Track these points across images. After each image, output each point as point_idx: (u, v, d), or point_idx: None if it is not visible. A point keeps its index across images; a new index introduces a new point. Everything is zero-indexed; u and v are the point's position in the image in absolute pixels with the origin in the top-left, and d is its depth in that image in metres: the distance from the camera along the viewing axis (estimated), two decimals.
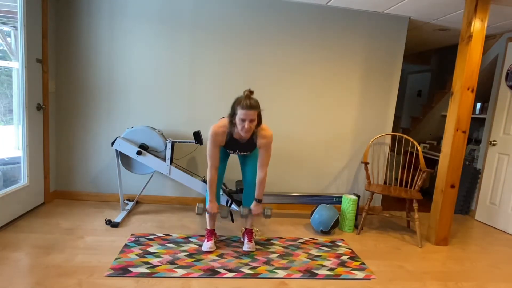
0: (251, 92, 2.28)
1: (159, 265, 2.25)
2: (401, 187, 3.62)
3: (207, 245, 2.52)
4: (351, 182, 3.74)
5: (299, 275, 2.28)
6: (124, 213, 3.05)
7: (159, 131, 3.13)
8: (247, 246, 2.58)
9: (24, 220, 2.82)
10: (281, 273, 2.28)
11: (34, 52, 2.87)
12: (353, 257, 2.62)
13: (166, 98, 3.36)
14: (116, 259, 2.29)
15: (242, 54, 3.37)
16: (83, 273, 2.09)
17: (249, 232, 2.65)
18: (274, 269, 2.33)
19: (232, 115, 2.30)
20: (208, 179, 2.48)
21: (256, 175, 2.58)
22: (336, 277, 2.29)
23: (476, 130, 4.45)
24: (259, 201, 2.55)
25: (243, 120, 2.24)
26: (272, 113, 3.50)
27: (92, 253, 2.34)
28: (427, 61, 5.64)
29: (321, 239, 2.92)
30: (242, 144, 2.47)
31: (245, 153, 2.54)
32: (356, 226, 3.23)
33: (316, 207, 3.11)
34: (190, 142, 3.09)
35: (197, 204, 2.54)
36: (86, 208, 3.20)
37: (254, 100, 2.26)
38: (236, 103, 2.27)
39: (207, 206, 2.52)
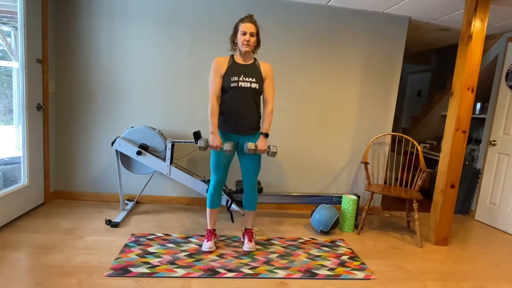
0: (251, 15, 2.38)
1: (159, 265, 2.25)
2: (401, 187, 3.62)
3: (207, 245, 2.52)
4: (351, 182, 3.74)
5: (299, 275, 2.28)
6: (124, 213, 3.05)
7: (159, 131, 3.13)
8: (247, 246, 2.58)
9: (24, 220, 2.82)
10: (281, 273, 2.28)
11: (34, 52, 2.87)
12: (353, 257, 2.62)
13: (166, 98, 3.36)
14: (116, 259, 2.29)
15: None
16: (83, 273, 2.09)
17: (249, 232, 2.65)
18: (274, 269, 2.33)
19: (234, 34, 2.38)
20: (209, 108, 2.37)
21: (256, 179, 2.58)
22: (336, 277, 2.29)
23: (476, 130, 4.45)
24: (266, 136, 2.45)
25: (244, 33, 2.31)
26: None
27: (92, 253, 2.34)
28: (427, 61, 5.64)
29: (321, 239, 2.92)
30: (246, 68, 2.38)
31: (251, 79, 2.37)
32: (356, 226, 3.23)
33: (316, 207, 3.11)
34: (190, 142, 3.09)
35: (199, 140, 2.41)
36: (86, 208, 3.20)
37: (254, 18, 2.36)
38: (237, 21, 2.37)
39: (210, 140, 2.38)
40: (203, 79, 3.37)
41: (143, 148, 2.95)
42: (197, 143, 2.89)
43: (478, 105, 4.10)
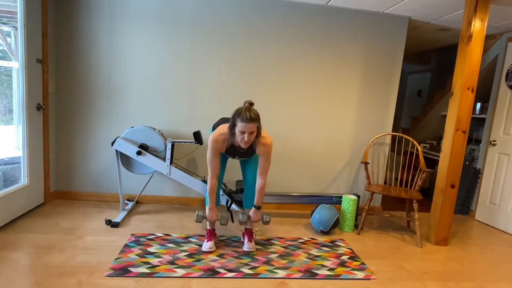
0: (251, 104, 2.28)
1: (159, 265, 2.25)
2: (401, 187, 3.62)
3: (207, 245, 2.52)
4: (351, 182, 3.74)
5: (299, 275, 2.28)
6: (124, 213, 3.05)
7: (159, 131, 3.13)
8: (247, 246, 2.58)
9: (24, 220, 2.82)
10: (281, 273, 2.28)
11: (34, 52, 2.87)
12: (353, 257, 2.62)
13: (166, 98, 3.36)
14: (116, 259, 2.29)
15: (242, 54, 3.37)
16: (83, 273, 2.09)
17: (249, 232, 2.65)
18: (274, 269, 2.33)
19: (232, 126, 2.28)
20: (208, 187, 2.49)
21: (256, 177, 2.59)
22: (336, 277, 2.29)
23: (476, 130, 4.45)
24: (258, 208, 2.58)
25: (242, 133, 2.24)
26: (272, 113, 3.50)
27: (92, 253, 2.34)
28: (427, 61, 5.64)
29: (321, 239, 2.92)
30: (241, 151, 2.49)
31: (244, 158, 2.57)
32: (356, 226, 3.23)
33: (316, 207, 3.11)
34: (190, 142, 3.09)
35: (197, 211, 2.56)
36: (86, 208, 3.20)
37: (254, 113, 2.25)
38: (236, 115, 2.24)
39: (207, 213, 2.55)
40: (203, 79, 3.37)
41: (143, 148, 2.95)
42: (198, 143, 2.94)
43: (478, 105, 4.10)
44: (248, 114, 2.21)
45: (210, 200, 2.51)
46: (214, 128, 2.68)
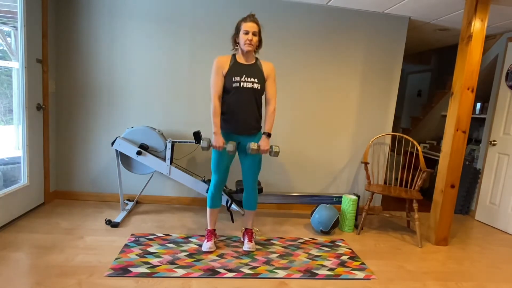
0: (253, 14, 2.37)
1: (159, 265, 2.25)
2: (401, 187, 3.62)
3: (207, 245, 2.52)
4: (351, 182, 3.74)
5: (299, 275, 2.28)
6: (124, 213, 3.05)
7: (159, 131, 3.13)
8: (247, 246, 2.58)
9: (24, 220, 2.82)
10: (281, 273, 2.28)
11: (34, 52, 2.87)
12: (353, 257, 2.62)
13: (166, 98, 3.36)
14: (116, 259, 2.29)
15: None
16: (83, 273, 2.09)
17: (249, 232, 2.65)
18: (274, 269, 2.33)
19: (236, 33, 2.36)
20: (211, 108, 2.36)
21: (256, 179, 2.58)
22: (336, 277, 2.29)
23: (476, 130, 4.45)
24: (269, 135, 2.45)
25: (246, 33, 2.30)
26: None
27: (92, 253, 2.34)
28: (427, 61, 5.64)
29: (321, 239, 2.92)
30: (248, 68, 2.38)
31: (253, 79, 2.37)
32: (356, 226, 3.23)
33: (316, 207, 3.11)
34: (190, 142, 3.09)
35: (201, 140, 2.38)
36: (86, 208, 3.20)
37: (256, 18, 2.36)
38: (239, 21, 2.35)
39: (213, 140, 2.37)
40: (204, 79, 3.37)
41: (143, 148, 2.95)
42: (198, 143, 2.88)
43: (478, 105, 4.10)
44: (251, 15, 2.34)
45: (215, 123, 2.36)
46: None
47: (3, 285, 1.90)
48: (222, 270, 2.26)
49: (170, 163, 2.97)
